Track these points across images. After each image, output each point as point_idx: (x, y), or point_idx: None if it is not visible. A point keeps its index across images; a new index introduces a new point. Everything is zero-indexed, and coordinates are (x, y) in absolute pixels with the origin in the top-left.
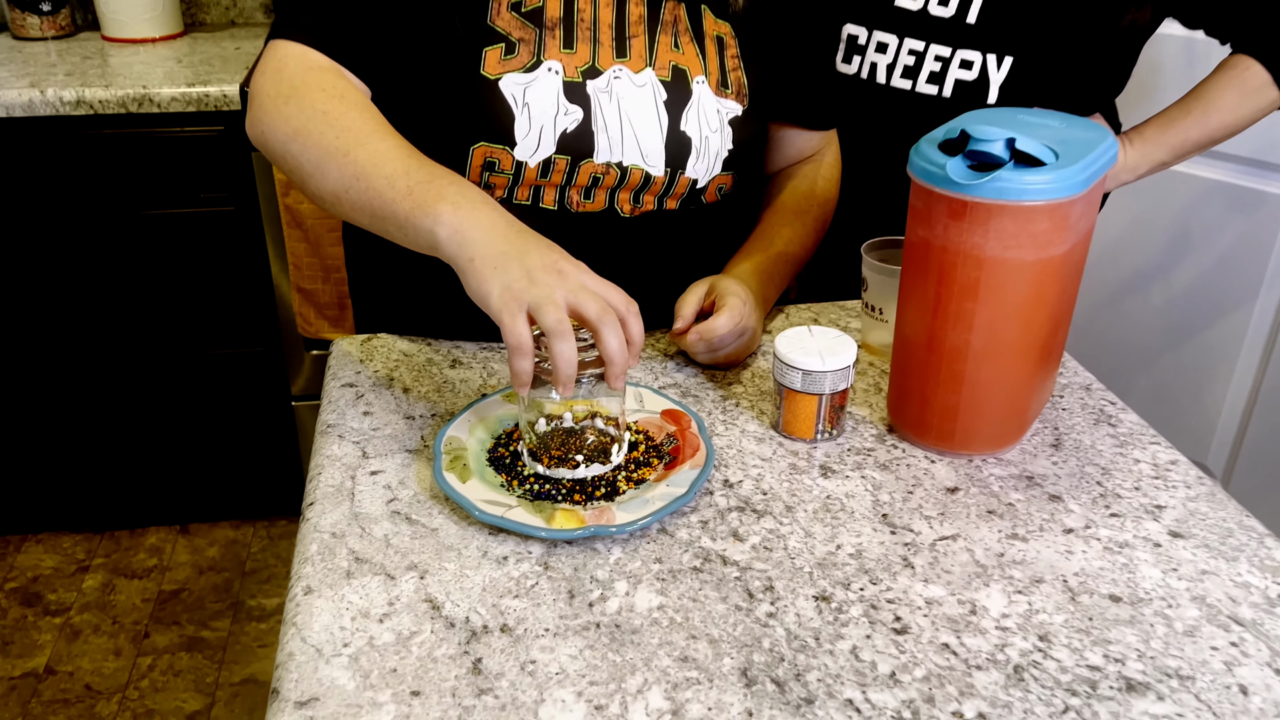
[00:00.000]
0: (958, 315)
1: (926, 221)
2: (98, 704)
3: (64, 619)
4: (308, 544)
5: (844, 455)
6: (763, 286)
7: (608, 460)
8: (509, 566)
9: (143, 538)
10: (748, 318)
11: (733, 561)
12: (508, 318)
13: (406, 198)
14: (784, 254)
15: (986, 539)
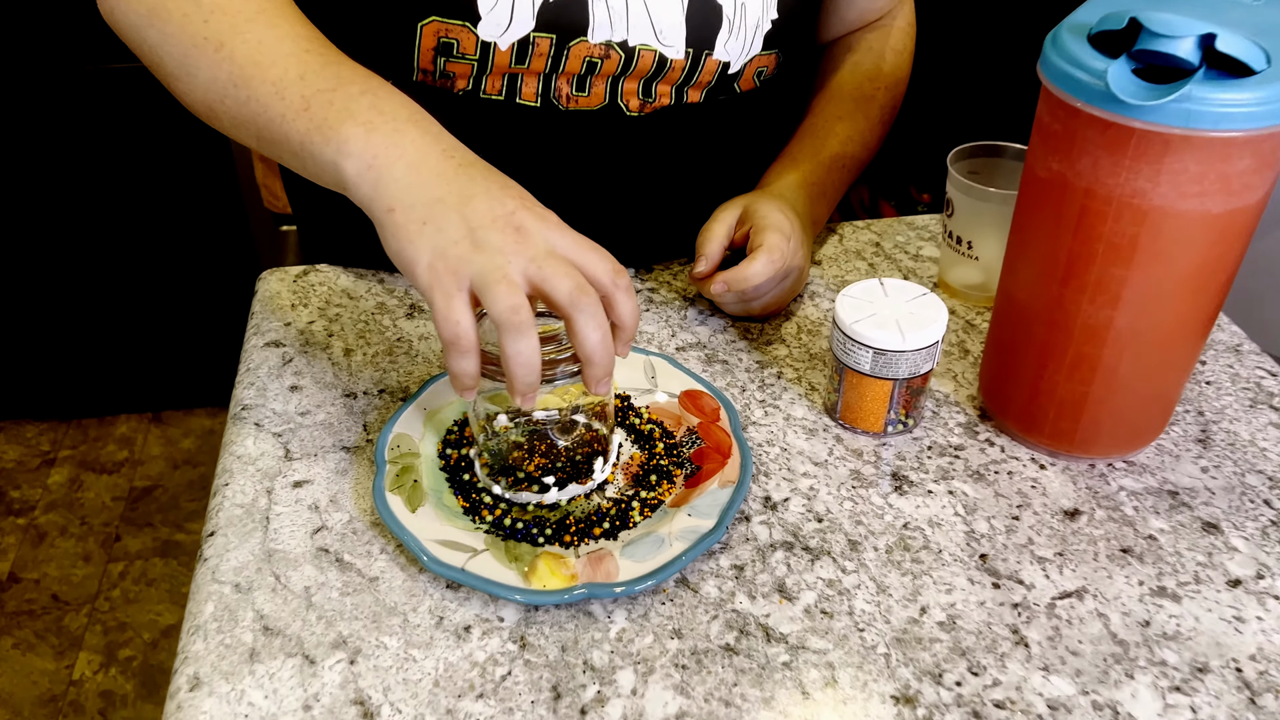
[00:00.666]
0: (1100, 284)
1: (1063, 149)
2: (65, 616)
3: (28, 519)
4: (202, 601)
5: (923, 457)
6: (812, 205)
7: (589, 476)
8: (472, 643)
9: (112, 427)
10: (792, 256)
11: (779, 636)
12: (440, 298)
13: (301, 114)
14: (840, 157)
15: (1124, 596)
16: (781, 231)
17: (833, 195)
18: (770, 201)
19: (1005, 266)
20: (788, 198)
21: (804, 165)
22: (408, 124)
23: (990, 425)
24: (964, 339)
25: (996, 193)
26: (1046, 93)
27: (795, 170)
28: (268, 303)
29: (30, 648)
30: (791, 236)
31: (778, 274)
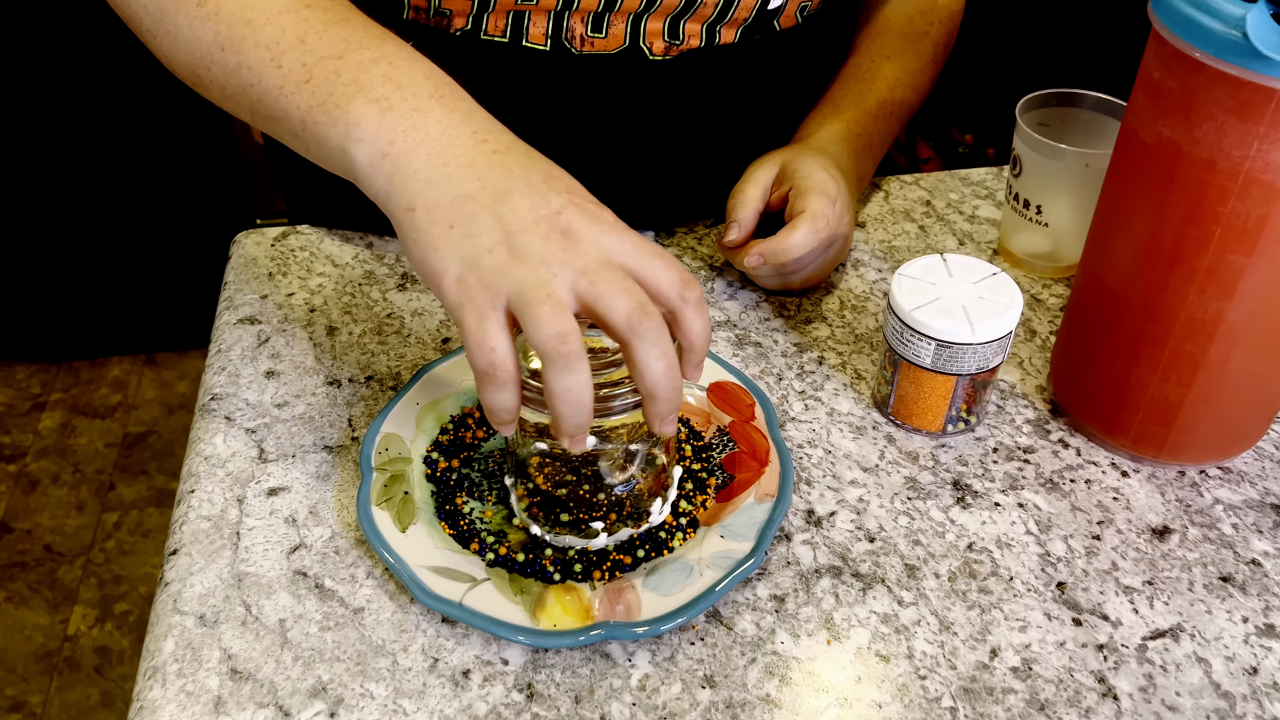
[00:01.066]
0: (1213, 272)
1: (1179, 111)
2: (59, 568)
3: (19, 466)
4: (160, 636)
5: (988, 461)
6: (857, 160)
7: (644, 519)
8: (471, 691)
9: (104, 369)
10: (837, 223)
11: (826, 686)
12: (471, 319)
13: (302, 87)
14: (888, 103)
15: (1227, 636)
16: (826, 194)
17: (879, 147)
18: (812, 158)
19: (1091, 243)
20: (830, 152)
21: (848, 113)
22: (431, 100)
23: (1063, 423)
24: (1029, 316)
25: (1073, 151)
26: (1159, 40)
27: (838, 119)
28: (243, 270)
29: (23, 601)
30: (838, 199)
31: (821, 244)
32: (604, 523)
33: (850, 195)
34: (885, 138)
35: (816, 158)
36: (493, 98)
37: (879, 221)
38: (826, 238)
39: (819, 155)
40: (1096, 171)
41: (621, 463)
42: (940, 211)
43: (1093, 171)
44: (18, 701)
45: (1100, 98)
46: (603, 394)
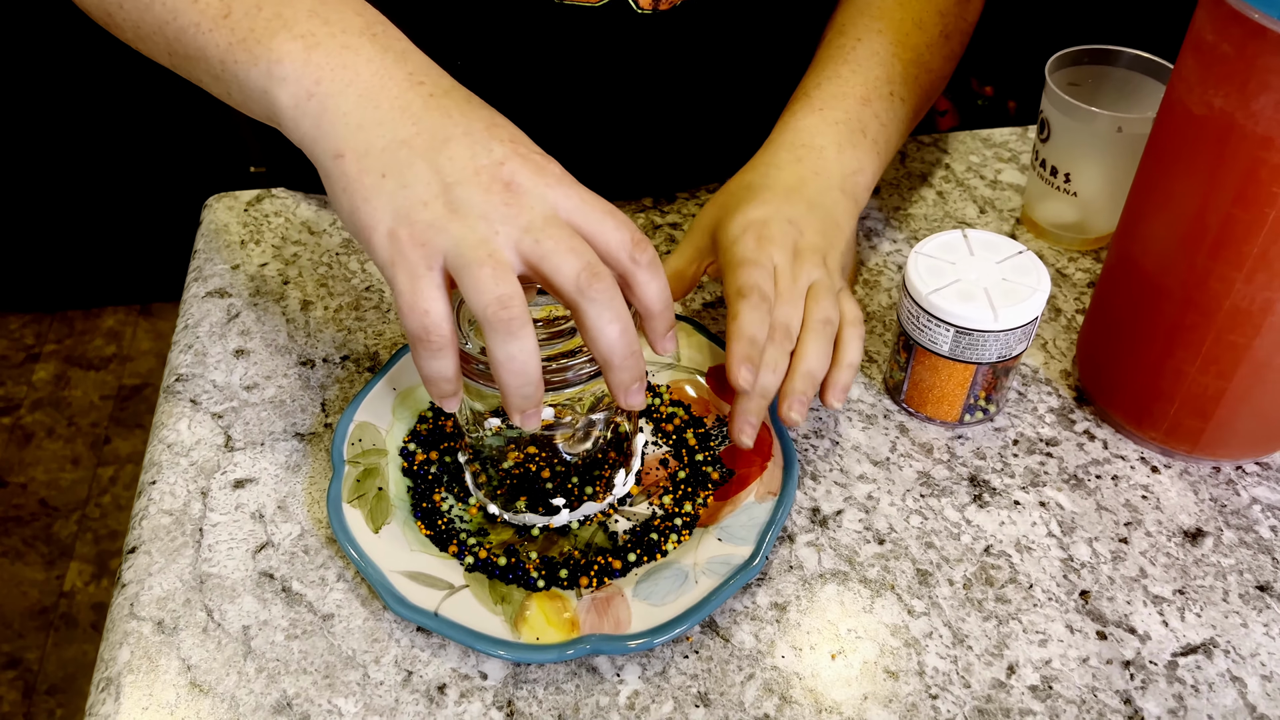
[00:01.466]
0: (1264, 260)
1: (1234, 81)
2: (55, 523)
3: (13, 419)
4: (116, 644)
5: (1007, 455)
6: (839, 155)
7: (608, 490)
8: (447, 709)
9: (98, 320)
10: (789, 286)
11: (831, 705)
12: (403, 278)
13: (220, 23)
14: (883, 80)
15: (1264, 652)
16: (755, 264)
17: (881, 132)
18: (740, 212)
19: (1125, 221)
20: (783, 175)
21: (843, 102)
22: (362, 38)
23: (1089, 412)
24: (1055, 293)
25: (1106, 115)
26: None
27: (809, 111)
28: (214, 238)
29: (19, 556)
30: (778, 250)
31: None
32: (566, 498)
33: (818, 221)
34: (890, 123)
35: (748, 207)
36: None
37: (894, 187)
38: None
39: (760, 193)
40: (1131, 137)
41: (580, 436)
42: (960, 176)
43: (1127, 137)
44: (14, 658)
45: (1138, 55)
46: (556, 365)
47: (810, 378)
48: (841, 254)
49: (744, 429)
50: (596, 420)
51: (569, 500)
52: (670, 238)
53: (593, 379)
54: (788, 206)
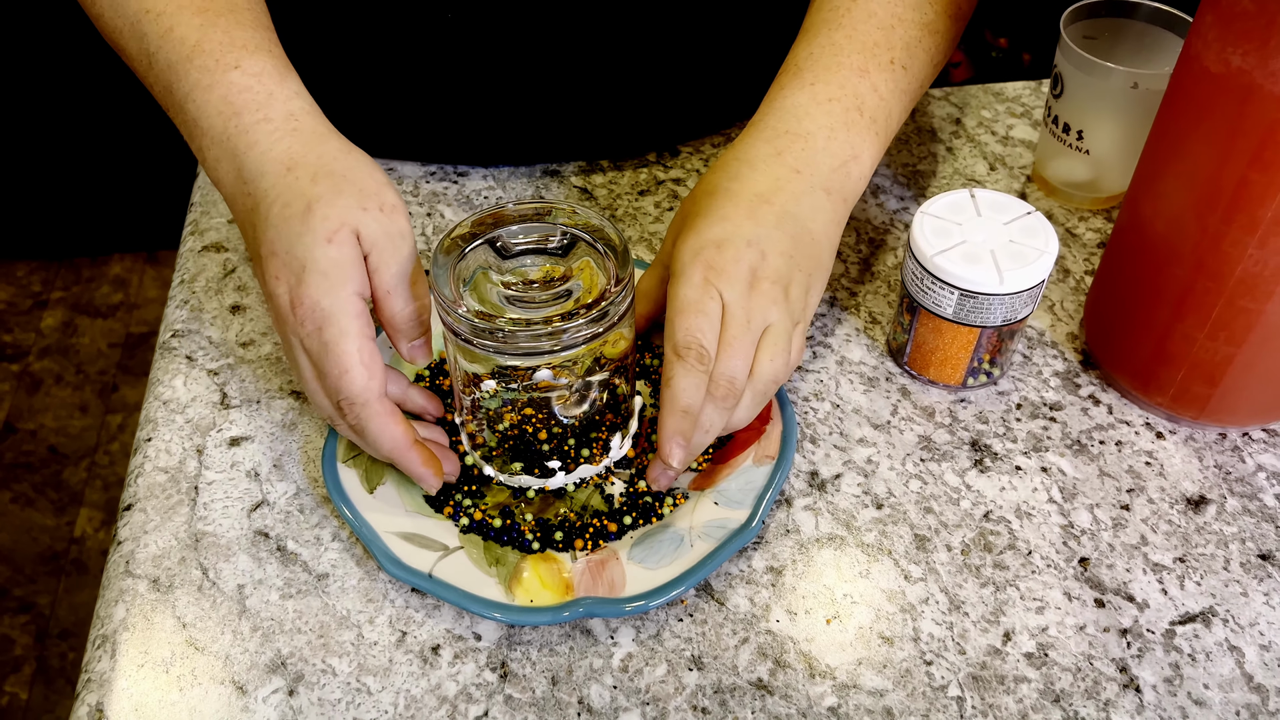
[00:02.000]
0: (1278, 224)
1: (1254, 38)
2: (64, 469)
3: (22, 365)
4: (111, 601)
5: (1010, 419)
6: (829, 142)
7: (604, 452)
8: (441, 670)
9: (105, 267)
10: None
11: (824, 670)
12: None
13: (164, 108)
14: (880, 45)
15: (1263, 621)
16: (696, 313)
17: (887, 106)
18: (700, 224)
19: (1138, 180)
20: (756, 177)
21: (816, 69)
22: (221, 148)
23: (1095, 376)
24: (1063, 254)
25: (1121, 70)
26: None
27: (800, 87)
28: (210, 191)
29: (30, 502)
30: (728, 291)
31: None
32: (562, 461)
33: (786, 233)
34: (890, 96)
35: (705, 224)
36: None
37: (903, 142)
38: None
39: (716, 211)
40: (1146, 94)
41: (577, 399)
42: (970, 131)
43: (1142, 93)
44: (26, 602)
45: (1157, 8)
46: (553, 327)
47: (726, 431)
48: (809, 275)
49: (659, 480)
50: (593, 383)
51: (565, 463)
52: (673, 193)
53: (588, 341)
54: (750, 223)
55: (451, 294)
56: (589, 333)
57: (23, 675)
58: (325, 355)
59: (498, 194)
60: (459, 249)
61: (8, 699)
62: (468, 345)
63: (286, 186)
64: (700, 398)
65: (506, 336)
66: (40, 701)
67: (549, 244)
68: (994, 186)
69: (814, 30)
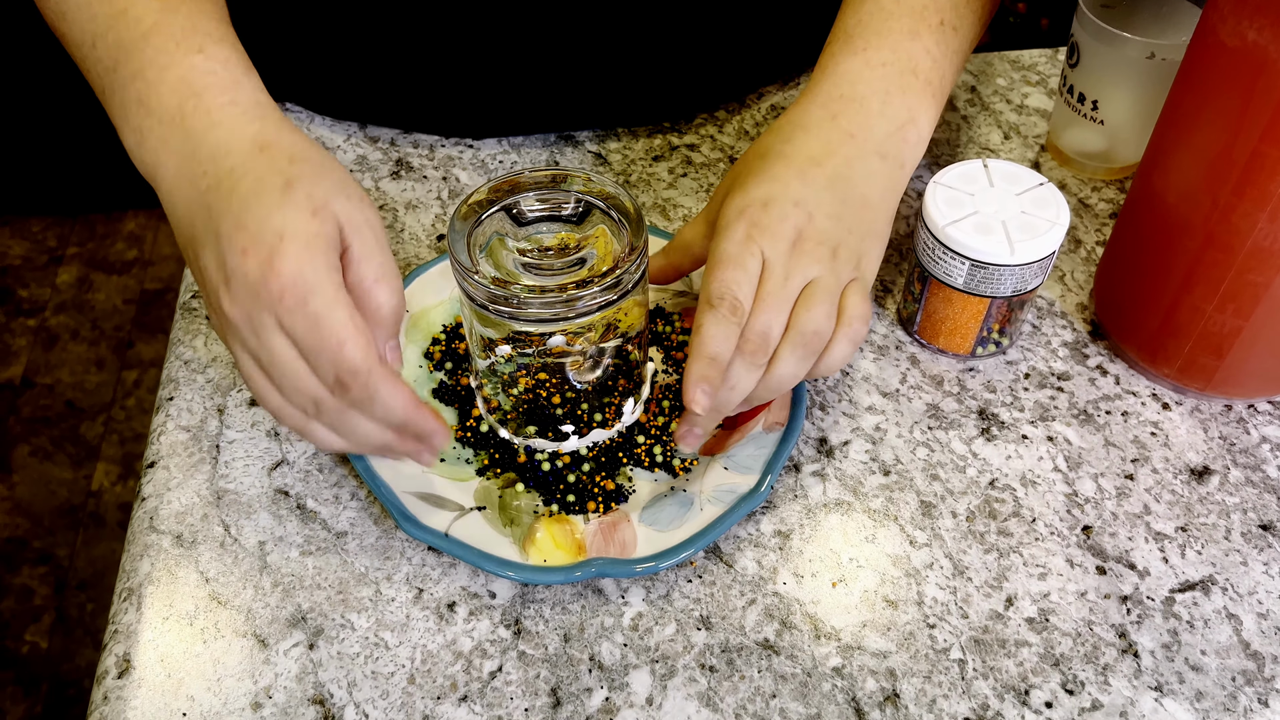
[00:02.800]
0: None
1: (1269, 12)
2: (81, 424)
3: (39, 320)
4: (136, 556)
5: (1018, 388)
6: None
7: (617, 417)
8: (456, 626)
9: (120, 224)
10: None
11: (830, 631)
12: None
13: (103, 96)
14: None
15: (1261, 590)
16: (733, 266)
17: (940, 68)
18: (749, 183)
19: (1151, 152)
20: (809, 140)
21: (866, 34)
22: (171, 129)
23: (1103, 346)
24: (1075, 224)
25: (1137, 40)
26: None
27: (849, 50)
28: None
29: (48, 456)
30: (770, 248)
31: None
32: (575, 425)
33: (836, 196)
34: (943, 57)
35: (754, 183)
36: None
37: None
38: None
39: (766, 171)
40: (1162, 64)
41: (591, 364)
42: (986, 99)
43: (1158, 63)
44: (45, 553)
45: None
46: (568, 295)
47: (774, 393)
48: (862, 240)
49: (686, 438)
50: (607, 349)
51: (578, 427)
52: (687, 159)
53: (602, 309)
54: (799, 184)
55: (468, 260)
56: (603, 300)
57: (42, 625)
58: (316, 328)
59: (513, 159)
60: (475, 215)
61: (28, 648)
62: (483, 311)
63: (260, 164)
64: (728, 349)
65: (521, 303)
66: (60, 651)
67: (564, 211)
68: (1008, 156)
69: None
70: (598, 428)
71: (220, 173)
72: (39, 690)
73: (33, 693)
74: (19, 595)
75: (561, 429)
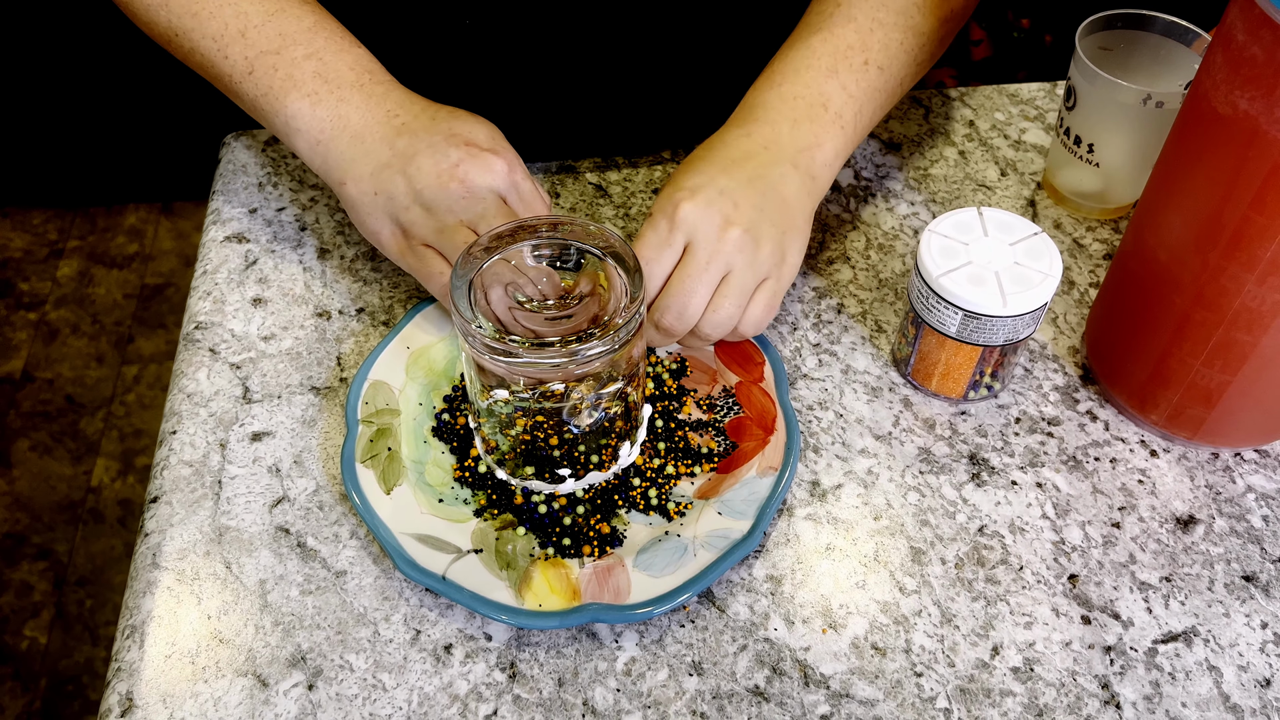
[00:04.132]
0: (1276, 263)
1: (1262, 85)
2: (81, 419)
3: (39, 314)
4: (140, 593)
5: (1009, 433)
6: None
7: (613, 459)
8: (453, 668)
9: (121, 217)
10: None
11: (820, 679)
12: (413, 261)
13: (246, 79)
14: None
15: (1242, 643)
16: (651, 262)
17: (856, 104)
18: (678, 177)
19: (1143, 209)
20: (729, 149)
21: (786, 70)
22: (353, 90)
23: (1094, 391)
24: (1069, 265)
25: (1133, 89)
26: (1245, 1)
27: (768, 84)
28: (231, 178)
29: (48, 451)
30: (697, 231)
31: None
32: (572, 467)
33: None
34: (861, 94)
35: (683, 176)
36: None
37: (915, 145)
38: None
39: (693, 168)
40: (1158, 109)
41: (589, 409)
42: (984, 134)
43: (1154, 109)
44: (45, 549)
45: (1172, 21)
46: (567, 350)
47: None
48: (783, 234)
49: None
50: (604, 395)
51: (574, 469)
52: None
53: (602, 358)
54: (724, 177)
55: (468, 309)
56: (601, 350)
57: (41, 620)
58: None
59: None
60: (477, 263)
61: (27, 643)
62: (481, 358)
63: (442, 112)
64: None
65: (521, 355)
66: (59, 646)
67: (565, 259)
68: (1004, 193)
69: (795, 37)
70: (594, 470)
71: (413, 113)
72: (37, 685)
73: (31, 688)
74: (18, 591)
75: (558, 471)
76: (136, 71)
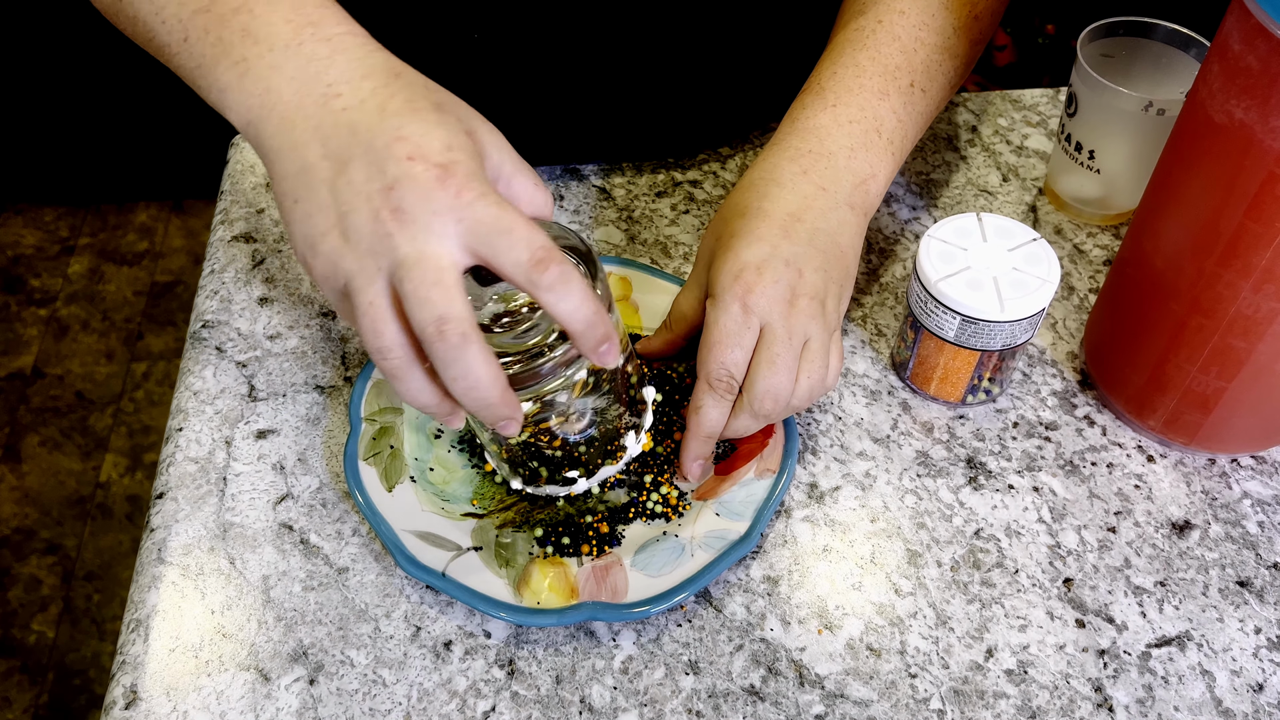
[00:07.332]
0: (1272, 271)
1: (1257, 95)
2: (90, 415)
3: (50, 310)
4: (145, 588)
5: (1006, 437)
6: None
7: (620, 452)
8: (452, 665)
9: (131, 215)
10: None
11: (815, 679)
12: (334, 301)
13: (182, 47)
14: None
15: (1236, 648)
16: (732, 346)
17: (904, 129)
18: (737, 245)
19: (1141, 216)
20: (784, 196)
21: (839, 90)
22: (287, 53)
23: (1092, 396)
24: (1069, 270)
25: (1134, 96)
26: (1241, 9)
27: (821, 104)
28: (239, 179)
29: (57, 446)
30: (770, 312)
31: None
32: (580, 469)
33: (819, 249)
34: (908, 119)
35: (742, 245)
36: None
37: (918, 149)
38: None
39: (751, 232)
40: (1159, 116)
41: (576, 418)
42: (986, 140)
43: (1155, 115)
44: (53, 544)
45: (1173, 29)
46: (516, 370)
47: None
48: (841, 286)
49: (690, 471)
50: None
51: (584, 470)
52: (689, 195)
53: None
54: (786, 243)
55: None
56: (560, 358)
57: (49, 615)
58: (500, 213)
59: None
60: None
61: (35, 637)
62: None
63: (403, 87)
64: (723, 422)
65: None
66: (67, 640)
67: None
68: (1006, 198)
69: (838, 50)
70: (605, 466)
71: (361, 93)
72: (45, 679)
73: (39, 681)
74: (27, 585)
75: (567, 475)
76: (149, 69)
